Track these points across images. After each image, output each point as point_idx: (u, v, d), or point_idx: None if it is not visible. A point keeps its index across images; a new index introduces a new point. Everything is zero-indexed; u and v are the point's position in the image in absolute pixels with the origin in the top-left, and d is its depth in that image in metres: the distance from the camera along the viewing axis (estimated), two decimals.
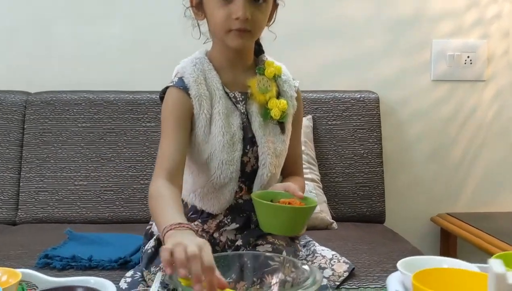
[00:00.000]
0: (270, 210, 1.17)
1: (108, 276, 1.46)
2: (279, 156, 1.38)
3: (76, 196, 2.11)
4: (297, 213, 1.17)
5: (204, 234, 1.38)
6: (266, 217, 1.19)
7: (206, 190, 1.35)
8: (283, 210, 1.17)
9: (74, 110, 2.17)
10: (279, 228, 1.18)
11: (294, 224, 1.18)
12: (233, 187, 1.34)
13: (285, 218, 1.17)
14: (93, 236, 1.75)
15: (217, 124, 1.32)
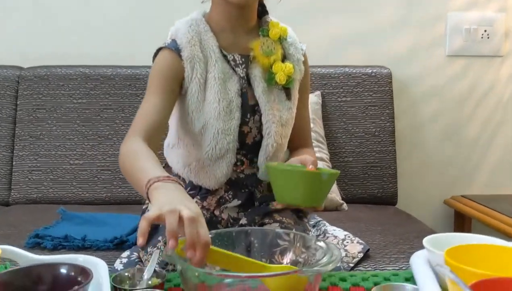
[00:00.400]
0: (289, 176, 1.05)
1: (103, 256, 1.33)
2: (285, 125, 1.26)
3: (71, 176, 2.01)
4: (320, 180, 1.04)
5: (205, 211, 1.27)
6: (284, 186, 1.06)
7: (202, 163, 1.23)
8: (304, 176, 1.05)
9: (69, 86, 2.07)
10: (299, 197, 1.05)
11: (316, 193, 1.05)
12: (231, 160, 1.22)
13: (306, 186, 1.04)
14: (88, 215, 1.64)
15: (212, 90, 1.20)
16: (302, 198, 1.04)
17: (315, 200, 1.06)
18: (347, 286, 0.92)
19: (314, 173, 1.05)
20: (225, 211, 1.27)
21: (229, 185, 1.26)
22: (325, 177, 1.04)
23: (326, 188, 1.06)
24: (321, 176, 1.04)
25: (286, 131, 1.27)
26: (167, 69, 1.20)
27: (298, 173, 1.06)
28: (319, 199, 1.06)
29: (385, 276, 0.97)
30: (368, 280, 0.96)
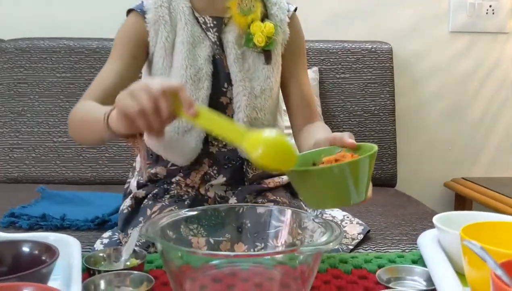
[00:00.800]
0: (316, 177, 0.77)
1: (82, 236, 1.26)
2: (259, 96, 1.13)
3: (54, 154, 1.91)
4: (354, 168, 0.76)
5: (189, 189, 1.17)
6: (315, 190, 0.79)
7: (169, 136, 1.12)
8: (333, 171, 0.76)
9: (52, 59, 1.95)
10: (340, 196, 0.78)
11: (357, 185, 0.77)
12: (200, 134, 1.11)
13: (341, 181, 0.76)
14: (69, 194, 1.54)
15: (179, 56, 1.09)
16: (343, 197, 0.77)
17: (360, 192, 0.78)
18: (348, 269, 0.83)
19: (355, 161, 0.76)
20: (211, 189, 1.18)
21: (212, 160, 1.16)
22: (359, 164, 0.76)
23: (366, 174, 0.78)
24: (354, 165, 0.76)
25: (263, 103, 1.14)
26: (130, 33, 1.11)
27: (324, 170, 0.77)
28: (363, 189, 0.78)
29: (389, 258, 0.88)
30: (371, 262, 0.87)
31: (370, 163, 0.78)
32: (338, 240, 0.68)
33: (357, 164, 0.75)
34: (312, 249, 0.66)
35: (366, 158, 0.76)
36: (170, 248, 0.72)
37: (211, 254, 0.70)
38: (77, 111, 1.04)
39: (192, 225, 0.91)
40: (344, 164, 0.75)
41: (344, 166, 0.75)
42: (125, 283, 0.72)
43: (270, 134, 0.74)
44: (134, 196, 1.19)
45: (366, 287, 0.76)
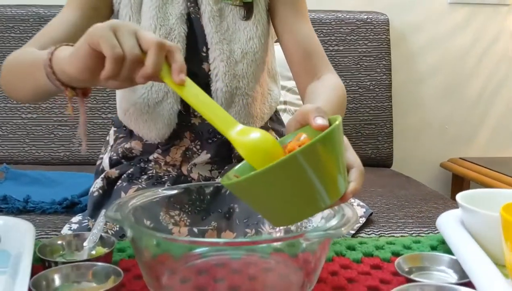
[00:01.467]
0: (261, 187, 0.54)
1: (48, 221, 1.11)
2: (240, 62, 0.98)
3: (23, 132, 1.76)
4: (308, 159, 0.52)
5: (170, 168, 1.03)
6: (270, 203, 0.56)
7: (139, 108, 0.99)
8: (276, 172, 0.52)
9: (20, 28, 1.79)
10: (305, 203, 0.55)
11: (324, 180, 0.54)
12: (172, 106, 0.97)
13: (296, 183, 0.53)
14: (37, 174, 1.39)
15: (148, 15, 0.95)
16: (308, 204, 0.55)
17: (332, 190, 0.55)
18: (358, 257, 0.70)
19: (291, 156, 0.52)
20: (195, 169, 1.03)
21: (194, 133, 1.02)
22: (322, 146, 0.53)
23: (340, 154, 0.56)
24: (317, 147, 0.53)
25: (245, 70, 0.99)
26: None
27: (264, 174, 0.52)
28: (333, 186, 0.55)
29: (404, 244, 0.75)
30: (383, 248, 0.74)
31: (334, 145, 0.54)
32: (351, 224, 0.55)
33: (309, 154, 0.51)
34: (321, 234, 0.53)
35: (318, 143, 0.52)
36: (143, 235, 0.58)
37: (195, 241, 0.56)
38: (15, 56, 0.88)
39: (173, 211, 0.78)
40: (282, 161, 0.51)
41: (285, 163, 0.51)
42: (87, 278, 0.58)
43: (256, 136, 0.60)
44: (106, 175, 1.04)
45: (383, 279, 0.63)
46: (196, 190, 0.81)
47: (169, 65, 0.62)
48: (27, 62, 0.82)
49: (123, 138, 1.08)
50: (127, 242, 0.76)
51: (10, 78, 0.89)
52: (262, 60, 1.02)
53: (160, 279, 0.60)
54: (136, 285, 0.61)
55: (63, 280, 0.57)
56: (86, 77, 0.65)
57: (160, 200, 0.72)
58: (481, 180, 1.87)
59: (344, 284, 0.62)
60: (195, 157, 1.03)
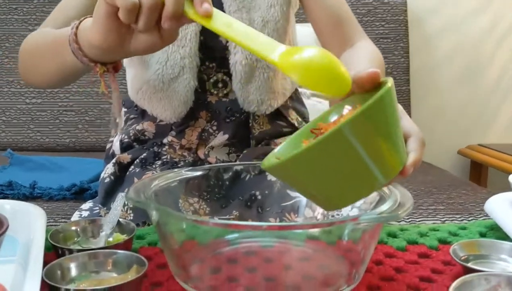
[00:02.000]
0: (305, 165, 0.46)
1: (57, 208, 1.05)
2: (260, 31, 0.87)
3: (28, 117, 1.70)
4: (358, 130, 0.45)
5: (185, 152, 0.96)
6: (319, 184, 0.48)
7: (153, 86, 0.92)
8: (321, 149, 0.45)
9: (24, 10, 1.73)
10: (356, 184, 0.48)
11: (378, 153, 0.46)
12: (189, 82, 0.91)
13: (346, 160, 0.46)
14: (42, 159, 1.32)
15: None
16: (371, 176, 0.47)
17: (394, 160, 0.48)
18: (402, 244, 0.63)
19: (351, 121, 0.44)
20: (212, 153, 0.96)
21: (210, 113, 0.95)
22: (376, 110, 0.45)
23: (394, 120, 0.47)
24: (370, 112, 0.44)
25: None
26: None
27: (304, 152, 0.45)
28: (397, 151, 0.48)
29: (450, 230, 0.68)
30: (427, 235, 0.67)
31: (387, 111, 0.45)
32: (408, 207, 0.49)
33: (358, 124, 0.43)
34: (375, 218, 0.46)
35: (369, 110, 0.43)
36: (170, 217, 0.51)
37: (230, 224, 0.49)
38: (33, 38, 0.83)
39: (192, 198, 0.72)
40: (326, 136, 0.43)
41: (330, 138, 0.43)
42: (106, 267, 0.51)
43: (311, 53, 0.52)
44: (117, 161, 0.97)
45: (434, 269, 0.57)
46: (214, 175, 0.74)
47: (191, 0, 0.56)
48: (49, 42, 0.76)
49: (134, 120, 1.01)
50: (146, 228, 0.70)
51: (31, 62, 0.83)
52: (284, 30, 0.95)
53: (187, 269, 0.54)
54: (161, 275, 0.55)
55: (80, 269, 0.50)
56: (111, 43, 0.59)
57: (178, 184, 0.66)
58: (501, 167, 1.81)
59: (393, 274, 0.55)
60: (212, 139, 0.96)
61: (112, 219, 0.61)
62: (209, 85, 0.94)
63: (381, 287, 0.53)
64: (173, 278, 0.53)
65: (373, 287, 0.53)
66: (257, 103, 0.94)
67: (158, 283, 0.53)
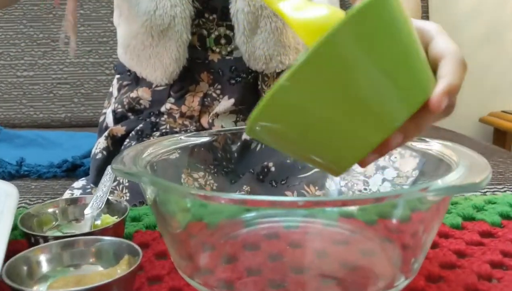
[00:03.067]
0: (292, 104, 0.34)
1: (46, 187, 0.94)
2: None
3: (19, 91, 1.58)
4: (350, 41, 0.33)
5: (187, 121, 0.84)
6: (314, 130, 0.36)
7: (141, 41, 0.81)
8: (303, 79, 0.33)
9: None
10: (363, 125, 0.35)
11: (387, 75, 0.34)
12: (181, 35, 0.79)
13: (344, 87, 0.34)
14: (32, 134, 1.21)
15: None
16: (386, 108, 0.35)
17: (411, 82, 0.36)
18: (457, 221, 0.52)
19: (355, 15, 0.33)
20: (217, 121, 0.85)
21: (212, 74, 0.83)
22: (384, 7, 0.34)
23: (400, 32, 0.35)
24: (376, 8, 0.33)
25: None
26: None
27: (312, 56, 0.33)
28: (414, 70, 0.36)
29: (510, 202, 0.56)
30: (485, 209, 0.55)
31: (388, 11, 0.34)
32: (487, 175, 0.37)
33: (363, 18, 0.32)
34: (445, 188, 0.34)
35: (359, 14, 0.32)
36: (170, 192, 0.39)
37: (250, 200, 0.35)
38: None
39: (196, 173, 0.61)
40: (334, 31, 0.32)
41: (332, 36, 0.32)
42: (88, 259, 0.39)
43: (319, 13, 0.40)
44: (110, 133, 0.86)
45: (505, 251, 0.45)
46: (221, 146, 0.63)
47: None
48: None
49: (128, 87, 0.89)
50: (143, 207, 0.58)
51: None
52: None
53: (194, 259, 0.42)
54: (160, 267, 0.43)
55: (54, 263, 0.39)
56: None
57: (179, 156, 0.54)
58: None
59: (454, 260, 0.44)
60: (216, 105, 0.84)
61: (99, 197, 0.49)
62: (210, 41, 0.82)
63: (444, 277, 0.41)
64: (176, 271, 0.42)
65: (434, 277, 0.41)
66: (265, 59, 0.81)
67: (156, 278, 0.42)
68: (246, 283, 0.41)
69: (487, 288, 0.39)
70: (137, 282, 0.41)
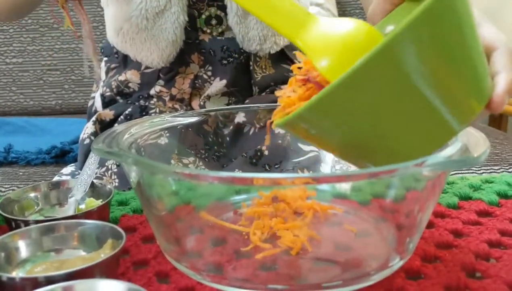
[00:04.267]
0: (337, 109, 0.33)
1: (35, 174, 0.92)
2: None
3: (9, 78, 1.56)
4: (412, 47, 0.31)
5: (177, 104, 0.83)
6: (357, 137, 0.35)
7: (135, 24, 0.78)
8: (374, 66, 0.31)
9: None
10: (421, 131, 0.34)
11: (449, 83, 0.33)
12: (178, 16, 0.76)
13: (405, 97, 0.32)
14: (21, 121, 1.19)
15: None
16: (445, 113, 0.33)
17: (473, 86, 0.34)
18: (453, 201, 0.50)
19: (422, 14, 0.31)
20: (209, 104, 0.83)
21: (203, 55, 0.81)
22: (433, 16, 0.31)
23: (464, 33, 0.33)
24: (425, 22, 0.31)
25: None
26: None
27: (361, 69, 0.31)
28: (477, 73, 0.34)
29: (508, 182, 0.55)
30: (482, 189, 0.54)
31: (455, 15, 0.32)
32: (485, 150, 0.35)
33: (411, 38, 0.30)
34: (441, 163, 0.32)
35: (425, 15, 0.30)
36: (155, 171, 0.37)
37: (240, 178, 0.33)
38: None
39: (187, 158, 0.60)
40: (397, 34, 0.30)
41: (398, 39, 0.30)
42: (71, 243, 0.38)
43: (346, 29, 0.37)
44: (98, 118, 0.84)
45: (503, 230, 0.44)
46: (212, 130, 0.62)
47: None
48: None
49: (116, 70, 0.87)
50: (129, 191, 0.56)
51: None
52: None
53: (181, 242, 0.40)
54: (146, 251, 0.41)
55: (33, 247, 0.37)
56: None
57: (169, 141, 0.53)
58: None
59: (451, 240, 0.42)
60: (207, 87, 0.82)
61: (84, 180, 0.47)
62: (200, 22, 0.79)
63: (441, 257, 0.40)
64: (162, 255, 0.40)
65: (430, 257, 0.40)
66: (259, 40, 0.79)
67: (142, 262, 0.40)
68: (236, 266, 0.39)
69: (485, 268, 0.38)
70: (122, 266, 0.39)
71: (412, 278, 0.37)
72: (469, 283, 0.36)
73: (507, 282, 0.36)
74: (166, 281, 0.38)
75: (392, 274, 0.37)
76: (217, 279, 0.37)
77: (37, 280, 0.32)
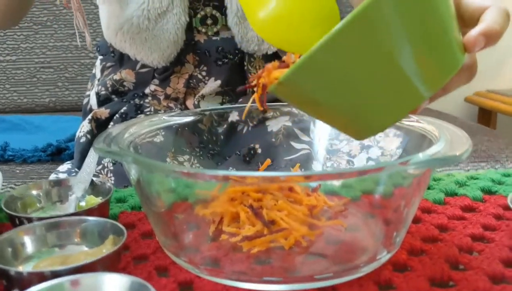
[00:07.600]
0: (321, 71, 0.34)
1: (31, 171, 0.93)
2: None
3: (2, 76, 1.57)
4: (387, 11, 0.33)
5: (172, 103, 0.84)
6: (335, 101, 0.37)
7: (136, 24, 0.79)
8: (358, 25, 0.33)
9: None
10: (392, 93, 0.36)
11: (423, 44, 0.35)
12: (180, 17, 0.78)
13: (378, 57, 0.34)
14: (16, 119, 1.20)
15: None
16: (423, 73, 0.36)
17: (444, 48, 0.36)
18: (439, 197, 0.52)
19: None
20: (203, 103, 0.85)
21: (198, 55, 0.82)
22: None
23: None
24: None
25: None
26: None
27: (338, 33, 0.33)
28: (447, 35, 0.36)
29: (493, 178, 0.57)
30: (467, 185, 0.56)
31: None
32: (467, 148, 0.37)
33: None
34: (426, 161, 0.34)
35: None
36: (154, 170, 0.39)
37: (235, 176, 0.35)
38: None
39: (181, 156, 0.61)
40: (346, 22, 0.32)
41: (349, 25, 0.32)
42: (73, 239, 0.40)
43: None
44: (94, 116, 0.85)
45: (486, 225, 0.46)
46: (207, 129, 0.63)
47: None
48: None
49: (111, 68, 0.88)
50: (128, 189, 0.58)
51: None
52: None
53: (179, 237, 0.42)
54: (146, 246, 0.43)
55: (38, 244, 0.39)
56: None
57: (164, 139, 0.54)
58: (508, 111, 1.73)
59: (437, 234, 0.44)
60: (202, 86, 0.84)
61: (83, 178, 0.49)
62: (195, 21, 0.81)
63: (426, 251, 0.42)
64: (161, 250, 0.42)
65: (416, 251, 0.42)
66: (258, 41, 0.81)
67: (142, 257, 0.42)
68: (232, 260, 0.41)
69: (468, 260, 0.40)
70: (123, 261, 0.41)
71: (398, 270, 0.39)
72: (453, 275, 0.38)
73: (488, 273, 0.38)
74: (166, 275, 0.39)
75: (380, 267, 0.39)
76: (214, 273, 0.39)
77: (44, 274, 0.34)
